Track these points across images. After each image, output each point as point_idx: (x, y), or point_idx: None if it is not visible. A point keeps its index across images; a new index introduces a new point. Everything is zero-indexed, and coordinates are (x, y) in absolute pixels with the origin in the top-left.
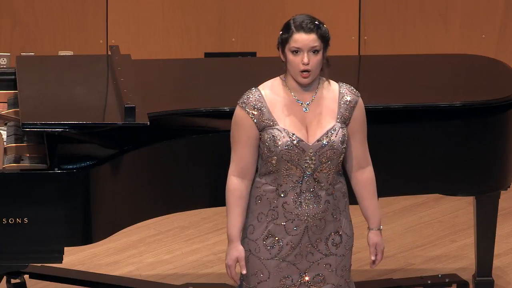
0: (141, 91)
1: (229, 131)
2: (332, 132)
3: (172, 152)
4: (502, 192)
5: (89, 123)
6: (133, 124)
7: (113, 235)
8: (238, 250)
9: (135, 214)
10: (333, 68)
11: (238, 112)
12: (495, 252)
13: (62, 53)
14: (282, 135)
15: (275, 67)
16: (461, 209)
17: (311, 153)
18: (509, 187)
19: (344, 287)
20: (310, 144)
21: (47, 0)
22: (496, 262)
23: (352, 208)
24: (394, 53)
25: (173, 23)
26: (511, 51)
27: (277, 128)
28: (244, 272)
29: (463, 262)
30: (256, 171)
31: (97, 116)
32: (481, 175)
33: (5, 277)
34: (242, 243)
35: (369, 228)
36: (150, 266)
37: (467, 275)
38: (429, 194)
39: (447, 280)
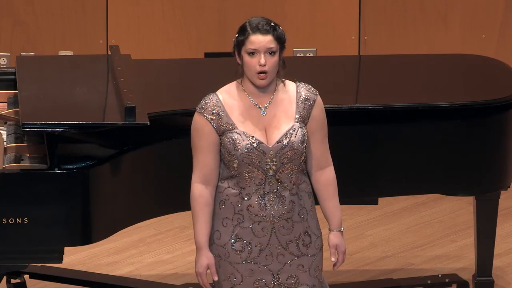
0: (141, 91)
1: None
2: (291, 132)
3: (172, 152)
4: (502, 192)
5: (89, 123)
6: (133, 124)
7: (113, 235)
8: (208, 257)
9: (135, 214)
10: (333, 68)
11: (197, 118)
12: (495, 252)
13: (62, 53)
14: (242, 138)
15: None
16: (461, 209)
17: (271, 154)
18: (509, 187)
19: (318, 287)
20: (270, 146)
21: (47, 0)
22: (496, 262)
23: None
24: (394, 53)
25: (173, 23)
26: (511, 51)
27: (236, 132)
28: (215, 278)
29: (463, 262)
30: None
31: (97, 116)
32: (481, 175)
33: (5, 277)
34: (210, 249)
35: (329, 229)
36: (150, 266)
37: (467, 275)
38: (429, 194)
39: (447, 280)
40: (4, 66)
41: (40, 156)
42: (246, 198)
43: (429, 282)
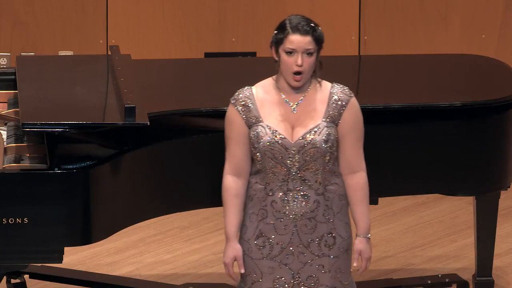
0: (141, 91)
1: None
2: (316, 130)
3: (172, 152)
4: (502, 192)
5: (89, 123)
6: (133, 124)
7: (113, 235)
8: (236, 249)
9: (135, 214)
10: (333, 68)
11: (229, 109)
12: (495, 252)
13: (62, 53)
14: (266, 131)
15: (275, 67)
16: (461, 209)
17: (294, 151)
18: (509, 187)
19: None
20: (293, 142)
21: (47, 0)
22: (496, 262)
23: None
24: (394, 53)
25: (173, 23)
26: (511, 51)
27: (261, 125)
28: (242, 271)
29: (463, 262)
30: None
31: (97, 116)
32: (481, 175)
33: (5, 277)
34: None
35: (356, 234)
36: (150, 266)
37: (467, 275)
38: (429, 194)
39: (447, 280)
40: (4, 66)
41: (40, 156)
42: (270, 194)
43: (429, 282)
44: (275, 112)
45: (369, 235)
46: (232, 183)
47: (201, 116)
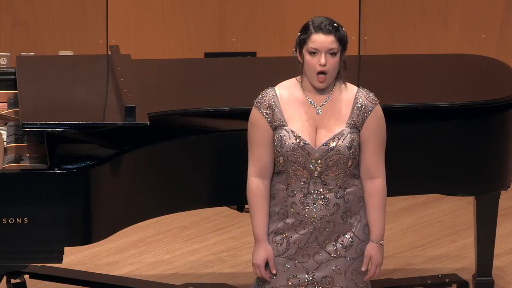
0: (141, 91)
1: (229, 131)
2: (340, 136)
3: (172, 152)
4: (502, 192)
5: (89, 123)
6: (133, 124)
7: (113, 235)
8: (267, 250)
9: (135, 214)
10: None
11: (253, 112)
12: (495, 252)
13: (62, 53)
14: (289, 136)
15: (275, 67)
16: (461, 209)
17: (317, 156)
18: (509, 187)
19: None
20: (316, 148)
21: (47, 0)
22: (496, 262)
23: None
24: (394, 53)
25: (173, 23)
26: (511, 51)
27: (285, 129)
28: (274, 271)
29: (463, 262)
30: None
31: (97, 116)
32: (481, 175)
33: (5, 277)
34: None
35: (370, 239)
36: (150, 266)
37: (467, 275)
38: (429, 194)
39: (447, 280)
40: (4, 66)
41: (40, 156)
42: (291, 195)
43: (429, 282)
44: (299, 113)
45: (382, 241)
46: (258, 185)
47: (201, 116)
